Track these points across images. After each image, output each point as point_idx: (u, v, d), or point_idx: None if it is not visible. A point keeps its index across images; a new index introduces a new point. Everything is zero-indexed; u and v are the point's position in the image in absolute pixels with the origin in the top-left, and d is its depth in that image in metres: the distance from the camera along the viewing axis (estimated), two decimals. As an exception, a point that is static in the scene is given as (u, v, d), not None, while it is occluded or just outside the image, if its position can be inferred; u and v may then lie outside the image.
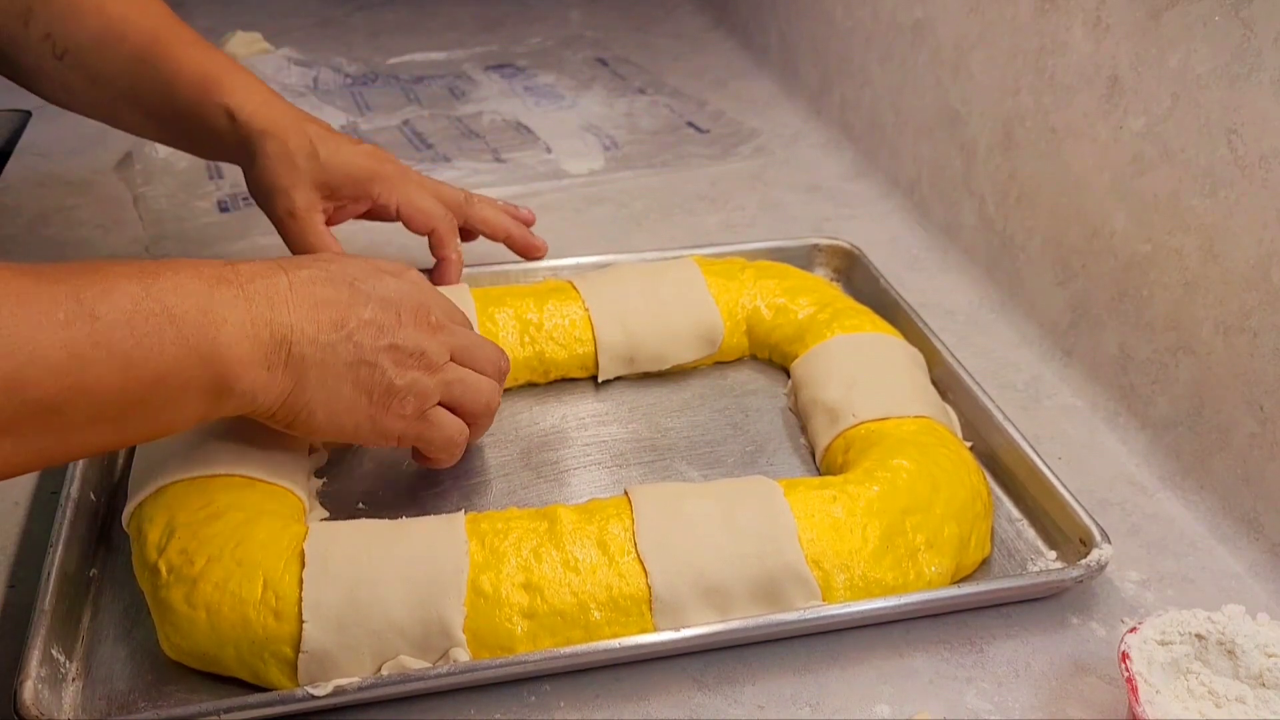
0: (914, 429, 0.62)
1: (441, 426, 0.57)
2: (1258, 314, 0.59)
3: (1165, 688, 0.47)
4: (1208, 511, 0.63)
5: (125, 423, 0.46)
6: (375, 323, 0.53)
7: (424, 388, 0.55)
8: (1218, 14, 0.60)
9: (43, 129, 1.07)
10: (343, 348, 0.51)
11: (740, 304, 0.74)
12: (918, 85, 0.93)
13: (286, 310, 0.50)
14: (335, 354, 0.51)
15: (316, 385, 0.51)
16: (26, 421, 0.42)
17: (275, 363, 0.49)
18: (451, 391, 0.57)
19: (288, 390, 0.50)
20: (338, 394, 0.52)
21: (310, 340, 0.50)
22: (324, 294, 0.52)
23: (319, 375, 0.51)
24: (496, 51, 1.34)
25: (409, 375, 0.54)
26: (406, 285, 0.56)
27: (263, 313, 0.49)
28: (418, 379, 0.54)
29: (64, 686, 0.50)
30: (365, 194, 0.73)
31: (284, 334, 0.49)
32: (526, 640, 0.51)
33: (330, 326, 0.51)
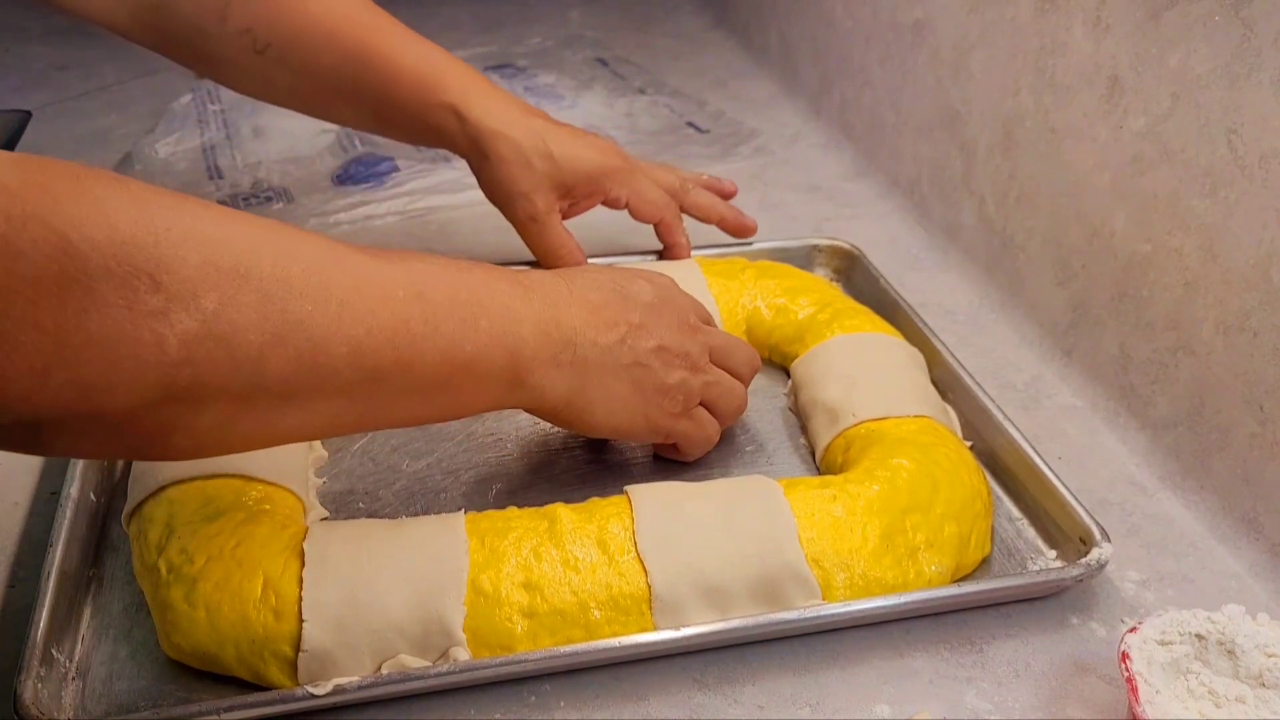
0: (914, 429, 0.62)
1: (702, 425, 0.60)
2: (1258, 314, 0.59)
3: (1165, 688, 0.47)
4: (1208, 511, 0.63)
5: (433, 400, 0.50)
6: (644, 326, 0.56)
7: (690, 387, 0.58)
8: (1218, 14, 0.60)
9: (43, 129, 1.07)
10: (619, 349, 0.55)
11: (740, 304, 0.74)
12: (918, 85, 0.93)
13: (570, 314, 0.53)
14: (613, 355, 0.55)
15: (597, 384, 0.54)
16: (359, 386, 0.45)
17: (563, 361, 0.53)
18: (711, 391, 0.60)
19: (573, 388, 0.54)
20: (615, 393, 0.55)
21: (591, 342, 0.54)
22: (599, 299, 0.55)
23: (599, 375, 0.54)
24: (496, 51, 1.34)
25: (677, 375, 0.57)
26: (662, 290, 0.59)
27: (551, 314, 0.53)
28: (685, 378, 0.58)
29: (64, 686, 0.50)
30: (598, 189, 0.75)
31: (570, 335, 0.53)
32: (526, 639, 0.51)
33: (607, 329, 0.55)
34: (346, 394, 0.46)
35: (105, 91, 1.17)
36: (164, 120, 1.08)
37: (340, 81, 0.71)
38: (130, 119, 1.10)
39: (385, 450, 0.65)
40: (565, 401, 0.54)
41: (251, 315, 0.41)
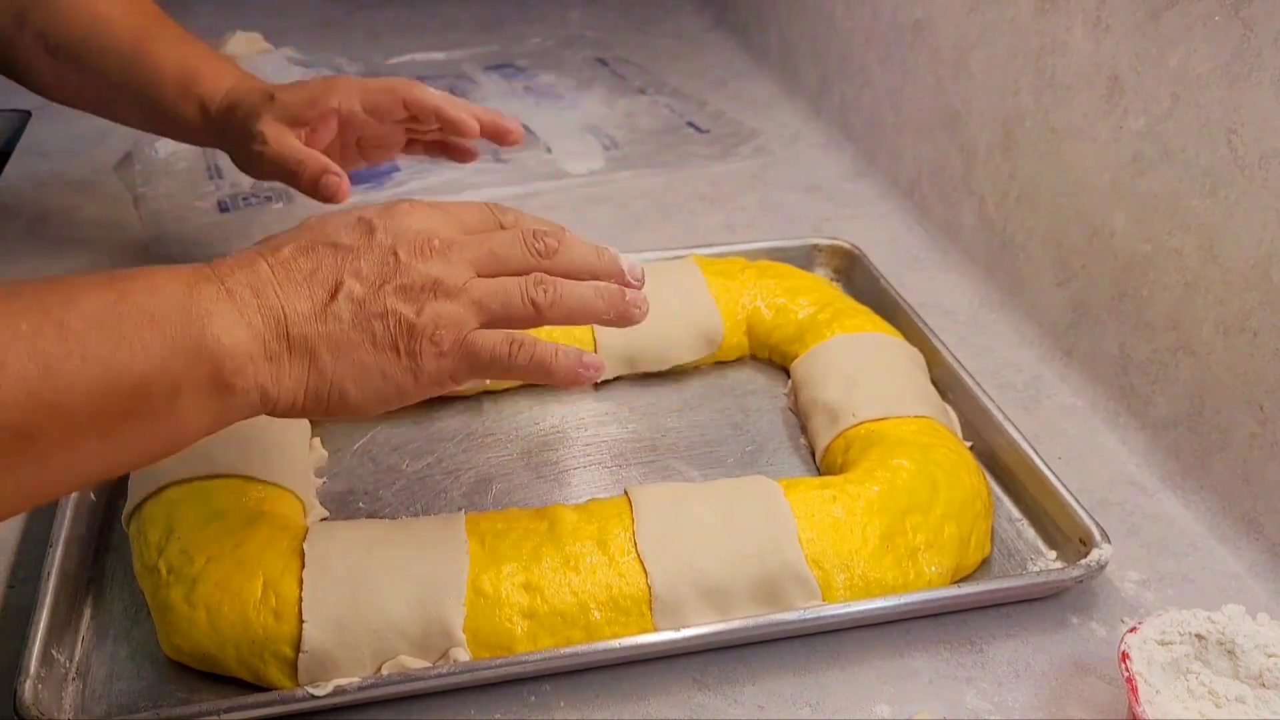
0: (914, 429, 0.62)
1: (484, 346, 0.50)
2: (1258, 314, 0.59)
3: (1165, 688, 0.47)
4: (1208, 511, 0.63)
5: (113, 439, 0.42)
6: (372, 274, 0.48)
7: (451, 315, 0.49)
8: (1218, 14, 0.60)
9: (43, 129, 1.07)
10: (345, 311, 0.47)
11: (740, 304, 0.74)
12: (918, 85, 0.93)
13: (274, 294, 0.46)
14: (339, 321, 0.47)
15: (334, 361, 0.47)
16: (11, 451, 0.39)
17: (277, 351, 0.46)
18: (488, 306, 0.50)
19: (304, 377, 0.47)
20: (361, 362, 0.47)
21: (308, 317, 0.46)
22: (308, 264, 0.48)
23: (331, 350, 0.47)
24: (496, 51, 1.34)
25: (429, 308, 0.48)
26: (396, 221, 0.50)
27: (249, 300, 0.45)
28: (439, 309, 0.49)
29: (64, 686, 0.50)
30: (323, 105, 0.72)
31: (277, 318, 0.46)
32: (526, 640, 0.51)
33: (325, 296, 0.47)
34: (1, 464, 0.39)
35: (105, 91, 1.16)
36: (164, 120, 1.08)
37: (119, 81, 0.74)
38: (130, 119, 1.10)
39: (385, 450, 0.65)
40: (306, 393, 0.47)
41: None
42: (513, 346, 0.50)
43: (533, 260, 0.52)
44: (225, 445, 0.57)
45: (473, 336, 0.49)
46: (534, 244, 0.52)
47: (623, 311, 0.53)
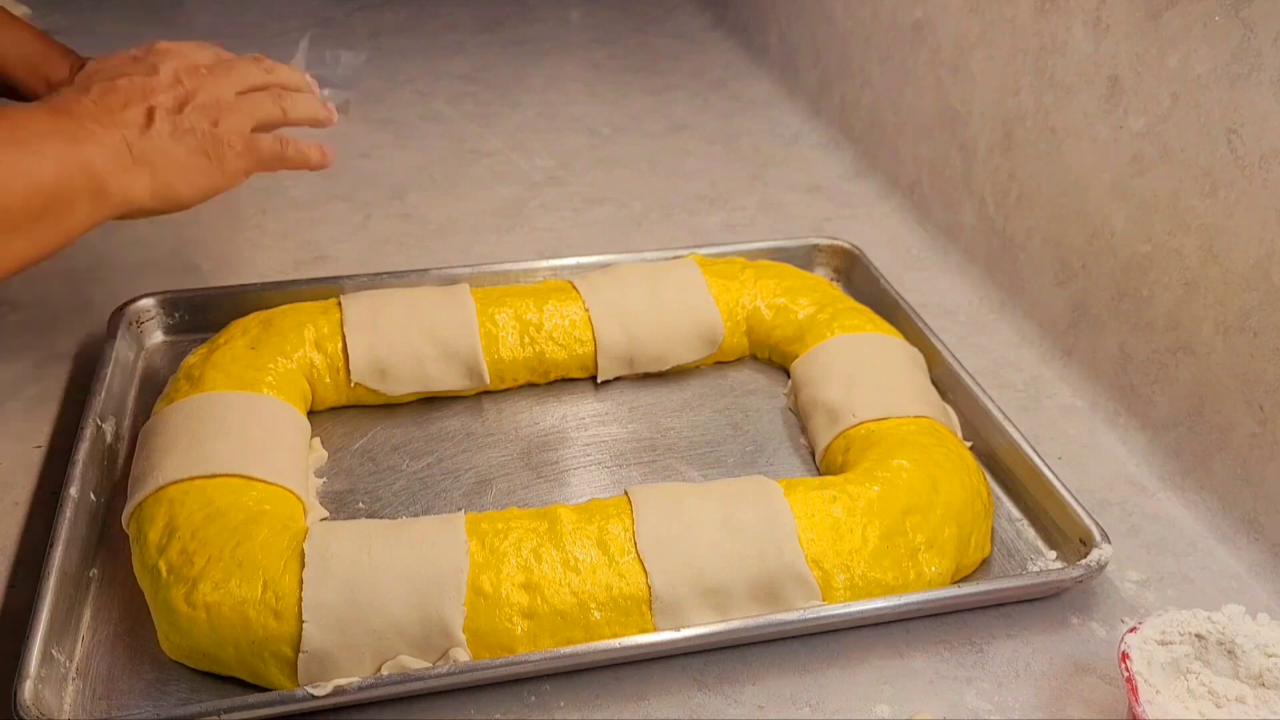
0: (914, 429, 0.62)
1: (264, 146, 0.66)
2: (1258, 314, 0.59)
3: (1165, 688, 0.47)
4: (1208, 511, 0.63)
5: (34, 234, 0.56)
6: (172, 99, 0.62)
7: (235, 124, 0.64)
8: (1218, 14, 0.60)
9: (43, 129, 1.07)
10: (164, 128, 0.61)
11: (740, 304, 0.74)
12: (918, 85, 0.93)
13: (110, 122, 0.59)
14: (162, 137, 0.61)
15: (165, 167, 0.61)
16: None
17: (127, 164, 0.59)
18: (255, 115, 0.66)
19: (148, 182, 0.60)
20: (183, 165, 0.62)
21: (138, 137, 0.60)
22: (120, 100, 0.61)
23: (163, 159, 0.60)
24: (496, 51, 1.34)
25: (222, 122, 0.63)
26: (169, 57, 0.65)
27: (97, 129, 0.58)
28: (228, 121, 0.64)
29: (64, 686, 0.50)
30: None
31: (119, 139, 0.59)
32: (526, 640, 0.51)
33: (144, 120, 0.60)
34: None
35: (105, 91, 1.16)
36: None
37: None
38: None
39: (385, 450, 0.65)
40: (151, 194, 0.60)
41: None
42: (283, 144, 0.67)
43: (265, 77, 0.69)
44: (225, 445, 0.57)
45: (254, 138, 0.65)
46: (262, 66, 0.69)
47: (328, 114, 0.72)
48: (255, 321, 0.68)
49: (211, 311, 0.73)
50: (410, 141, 1.08)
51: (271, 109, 0.67)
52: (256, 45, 1.31)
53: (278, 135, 0.67)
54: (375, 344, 0.67)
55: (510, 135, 1.10)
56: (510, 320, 0.70)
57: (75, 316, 0.77)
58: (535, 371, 0.71)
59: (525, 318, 0.71)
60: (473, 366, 0.68)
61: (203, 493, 0.55)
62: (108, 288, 0.80)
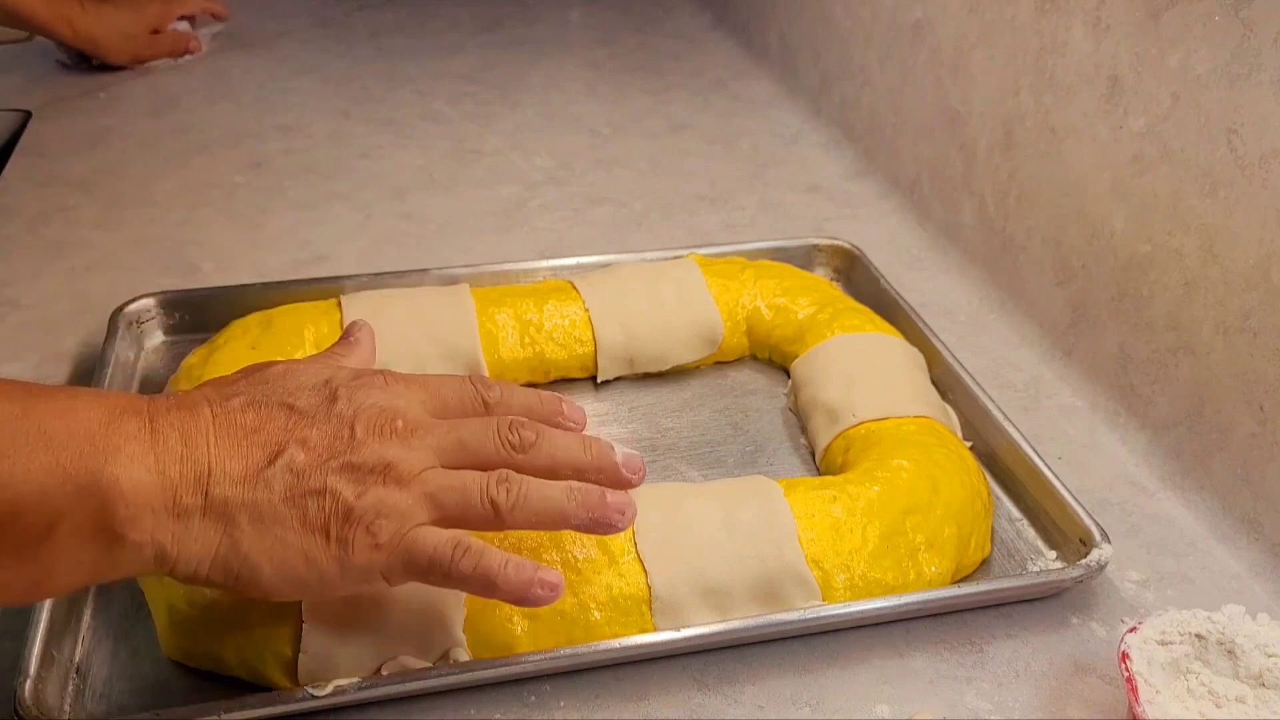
0: (914, 429, 0.62)
1: (424, 547, 0.44)
2: (1258, 314, 0.59)
3: (1165, 688, 0.47)
4: (1208, 511, 0.63)
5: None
6: (320, 445, 0.43)
7: (396, 504, 0.44)
8: (1218, 14, 0.60)
9: (43, 129, 1.07)
10: (279, 480, 0.42)
11: (740, 304, 0.74)
12: (918, 85, 0.93)
13: (206, 446, 0.42)
14: (270, 489, 0.42)
15: (253, 533, 0.42)
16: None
17: (189, 509, 0.41)
18: (442, 502, 0.45)
19: (214, 544, 0.42)
20: (283, 540, 0.42)
21: (236, 479, 0.42)
22: (254, 421, 0.43)
23: (252, 519, 0.42)
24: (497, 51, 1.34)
25: (371, 494, 0.43)
26: (363, 393, 0.46)
27: (174, 449, 0.41)
28: (384, 496, 0.43)
29: (64, 686, 0.50)
30: None
31: (200, 473, 0.41)
32: (526, 640, 0.51)
33: (262, 460, 0.42)
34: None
35: (105, 91, 1.17)
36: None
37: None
38: (130, 119, 1.10)
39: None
40: (214, 563, 0.42)
41: None
42: (456, 551, 0.44)
43: (504, 454, 0.47)
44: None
45: (414, 534, 0.44)
46: (508, 435, 0.47)
47: (599, 518, 0.47)
48: (255, 321, 0.68)
49: (211, 311, 0.73)
50: (410, 141, 1.08)
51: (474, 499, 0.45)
52: (255, 44, 1.31)
53: (455, 536, 0.44)
54: (375, 344, 0.67)
55: (510, 135, 1.10)
56: (510, 320, 0.70)
57: (75, 316, 0.77)
58: (535, 371, 0.71)
59: (525, 318, 0.71)
60: (473, 366, 0.68)
61: (203, 493, 0.54)
62: (108, 288, 0.79)
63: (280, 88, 1.20)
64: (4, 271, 0.83)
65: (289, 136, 1.08)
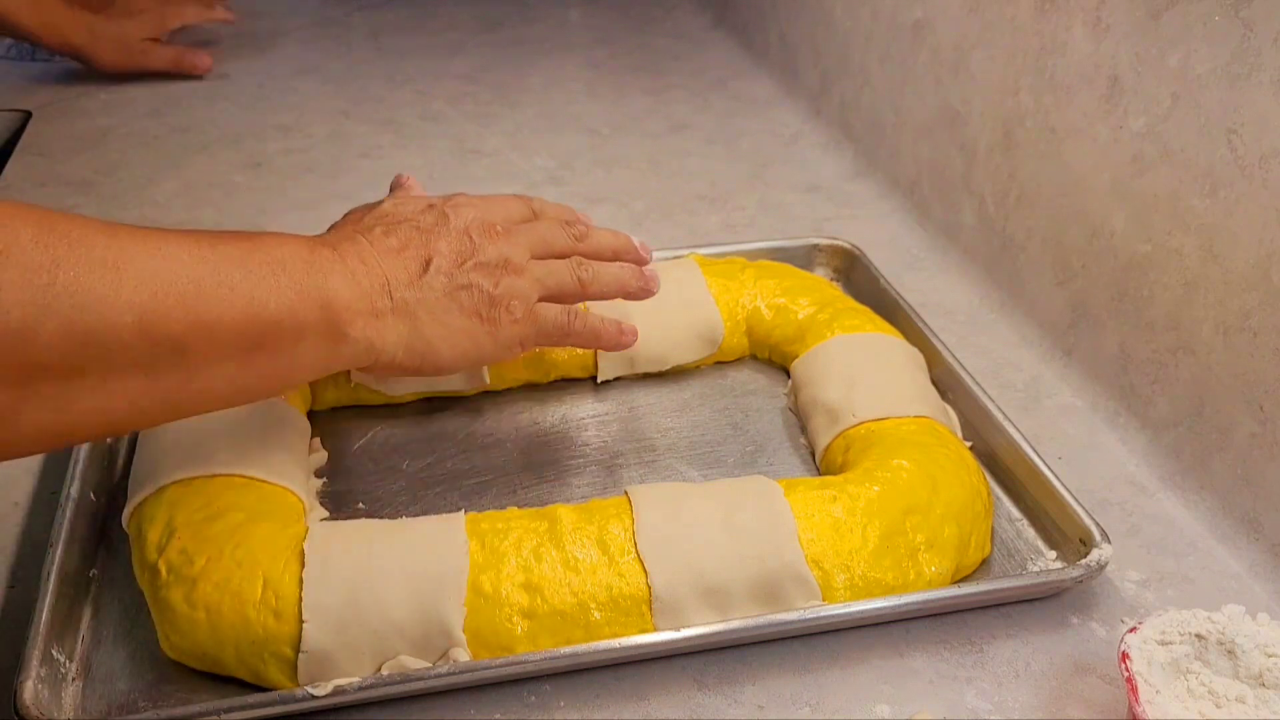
0: (914, 429, 0.62)
1: (548, 316, 0.59)
2: (1258, 314, 0.59)
3: (1165, 688, 0.47)
4: (1208, 511, 0.63)
5: (249, 364, 0.48)
6: (454, 251, 0.56)
7: (520, 289, 0.57)
8: (1218, 14, 0.60)
9: (43, 129, 1.07)
10: (437, 281, 0.55)
11: (740, 304, 0.74)
12: (918, 85, 0.93)
13: (377, 263, 0.53)
14: (433, 290, 0.54)
15: (429, 322, 0.54)
16: (158, 359, 0.44)
17: (382, 310, 0.52)
18: (546, 283, 0.59)
19: (405, 334, 0.53)
20: (450, 325, 0.55)
21: (407, 284, 0.54)
22: (398, 241, 0.55)
23: (428, 313, 0.54)
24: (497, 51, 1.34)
25: (503, 283, 0.57)
26: (462, 209, 0.58)
27: (358, 266, 0.52)
28: (512, 283, 0.57)
29: (64, 686, 0.50)
30: None
31: (382, 282, 0.53)
32: (526, 640, 0.51)
33: (419, 268, 0.54)
34: (145, 369, 0.44)
35: (105, 91, 1.17)
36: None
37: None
38: (130, 119, 1.10)
39: (385, 450, 0.65)
40: (405, 349, 0.54)
41: (12, 292, 0.39)
42: (570, 316, 0.60)
43: (572, 244, 0.62)
44: (225, 445, 0.57)
45: (538, 308, 0.59)
46: (571, 230, 0.62)
47: (643, 285, 0.64)
48: (255, 321, 0.68)
49: (211, 311, 0.73)
50: (410, 141, 1.08)
51: (566, 278, 0.60)
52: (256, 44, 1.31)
53: (567, 307, 0.60)
54: None
55: (510, 135, 1.10)
56: (510, 320, 0.70)
57: (75, 316, 0.77)
58: (535, 371, 0.71)
59: (525, 318, 0.70)
60: (473, 366, 0.68)
61: (203, 493, 0.55)
62: (108, 288, 0.79)
63: (280, 88, 1.20)
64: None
65: (289, 136, 1.08)
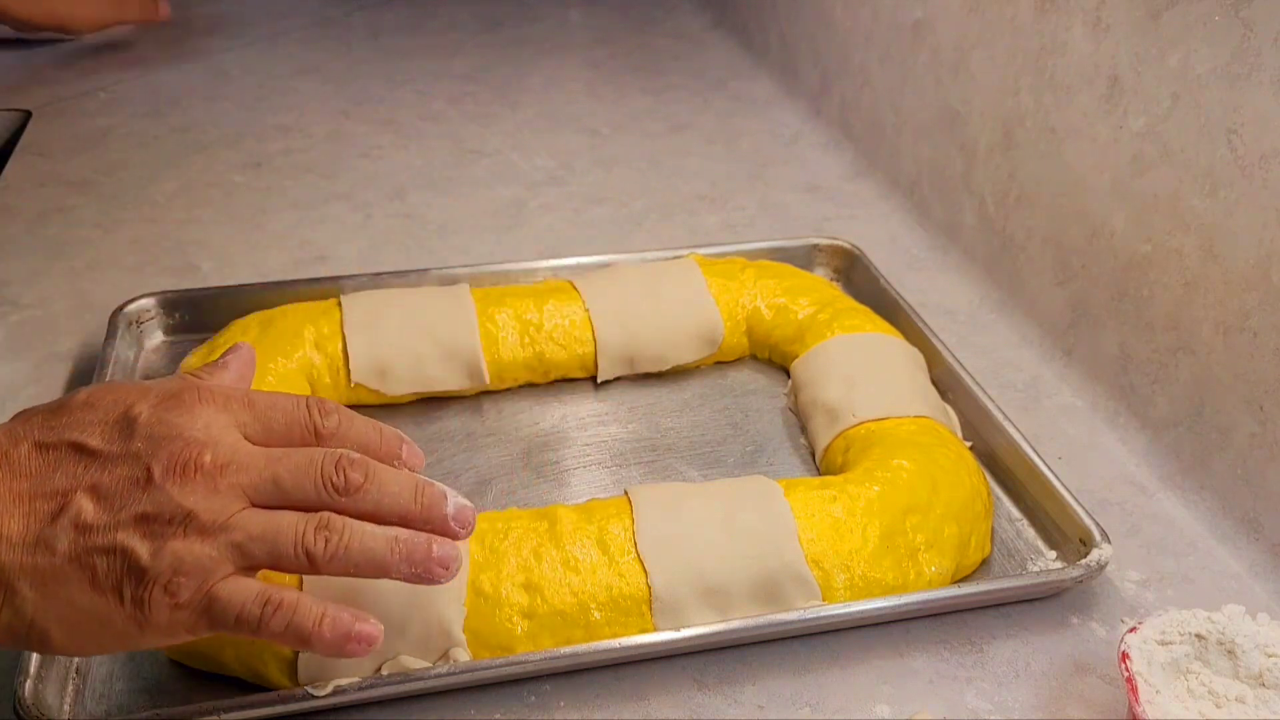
0: (914, 429, 0.62)
1: (230, 605, 0.41)
2: (1258, 314, 0.59)
3: (1165, 688, 0.47)
4: (1208, 511, 0.63)
5: None
6: (112, 492, 0.40)
7: (197, 559, 0.40)
8: (1218, 14, 0.60)
9: (43, 129, 1.07)
10: (63, 539, 0.39)
11: (740, 304, 0.74)
12: (918, 85, 0.93)
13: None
14: (52, 551, 0.39)
15: (37, 599, 0.39)
16: None
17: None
18: (250, 552, 0.41)
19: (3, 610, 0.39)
20: (72, 602, 0.39)
21: (15, 543, 0.38)
22: (39, 466, 0.40)
23: (34, 585, 0.39)
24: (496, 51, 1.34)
25: (169, 549, 0.39)
26: (167, 424, 0.42)
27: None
28: (184, 550, 0.40)
29: (64, 686, 0.50)
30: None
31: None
32: (526, 640, 0.51)
33: (46, 515, 0.39)
34: None
35: (105, 91, 1.17)
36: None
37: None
38: (130, 119, 1.10)
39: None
40: (3, 631, 0.39)
41: None
42: (266, 609, 0.41)
43: (325, 496, 0.43)
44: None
45: (219, 589, 0.41)
46: (331, 476, 0.43)
47: (422, 571, 0.43)
48: (255, 321, 0.68)
49: (211, 311, 0.73)
50: (410, 141, 1.08)
51: (287, 548, 0.41)
52: (256, 44, 1.31)
53: (264, 591, 0.41)
54: (375, 344, 0.67)
55: (510, 135, 1.10)
56: (510, 320, 0.70)
57: (75, 316, 0.77)
58: (535, 371, 0.71)
59: (525, 318, 0.71)
60: (473, 366, 0.68)
61: (203, 493, 0.54)
62: (107, 288, 0.80)
63: (280, 88, 1.20)
64: (4, 271, 0.83)
65: (289, 136, 1.08)
